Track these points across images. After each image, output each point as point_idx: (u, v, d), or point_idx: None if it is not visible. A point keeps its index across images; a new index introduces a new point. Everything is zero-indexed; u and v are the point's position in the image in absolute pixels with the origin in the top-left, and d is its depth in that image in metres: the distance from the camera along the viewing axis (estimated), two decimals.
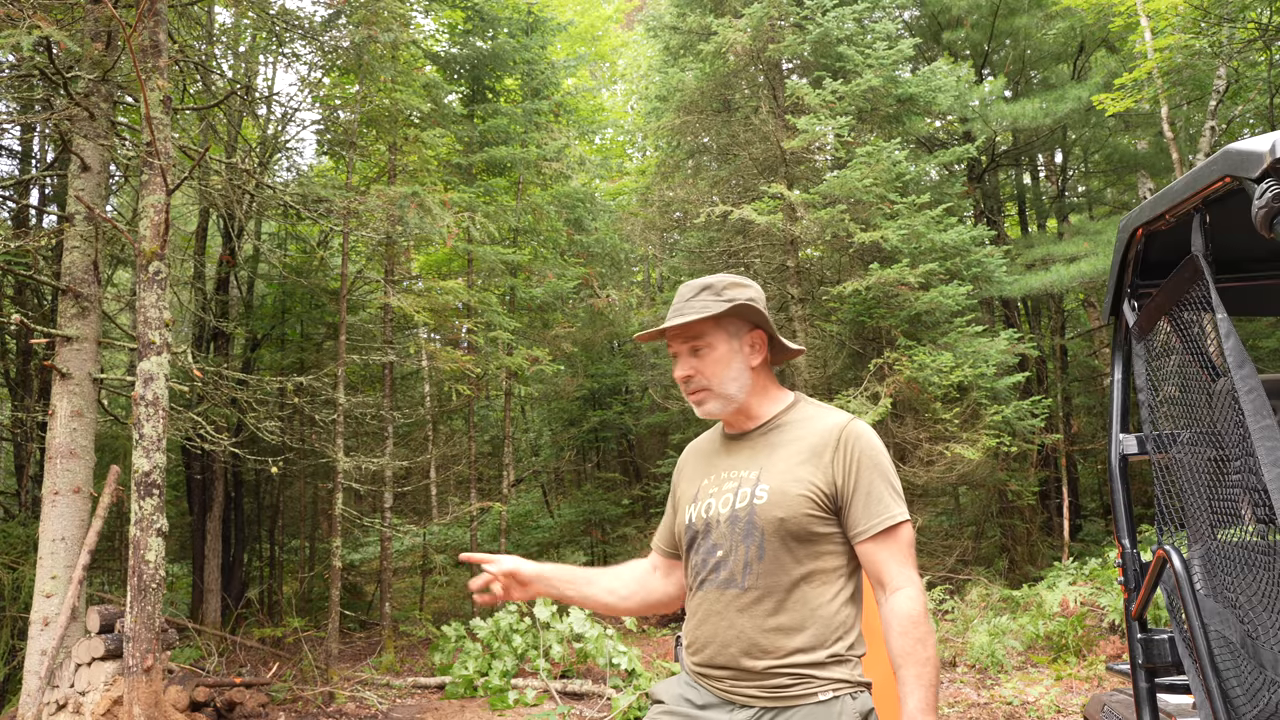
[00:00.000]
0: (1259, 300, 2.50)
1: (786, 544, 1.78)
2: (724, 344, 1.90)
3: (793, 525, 1.77)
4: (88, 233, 6.64)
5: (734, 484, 1.88)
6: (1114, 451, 2.46)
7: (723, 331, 1.90)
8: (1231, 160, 1.51)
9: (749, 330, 1.92)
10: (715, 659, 1.81)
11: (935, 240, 9.54)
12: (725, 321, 1.91)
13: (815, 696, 1.72)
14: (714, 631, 1.82)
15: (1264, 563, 1.58)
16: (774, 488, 1.81)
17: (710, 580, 1.85)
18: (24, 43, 5.82)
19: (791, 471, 1.81)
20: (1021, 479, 10.89)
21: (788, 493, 1.79)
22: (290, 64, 11.81)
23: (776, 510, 1.78)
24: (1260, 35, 9.35)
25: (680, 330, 1.90)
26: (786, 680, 1.74)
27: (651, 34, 12.52)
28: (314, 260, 12.44)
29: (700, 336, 1.90)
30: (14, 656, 7.92)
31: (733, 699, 1.79)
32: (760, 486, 1.82)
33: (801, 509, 1.77)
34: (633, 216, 14.02)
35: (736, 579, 1.80)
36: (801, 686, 1.73)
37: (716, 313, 1.85)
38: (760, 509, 1.80)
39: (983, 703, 6.69)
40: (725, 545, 1.83)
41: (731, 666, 1.79)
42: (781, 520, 1.77)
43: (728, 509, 1.85)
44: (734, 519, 1.83)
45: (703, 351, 1.90)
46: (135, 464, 5.67)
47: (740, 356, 1.90)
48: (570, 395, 15.31)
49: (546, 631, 8.17)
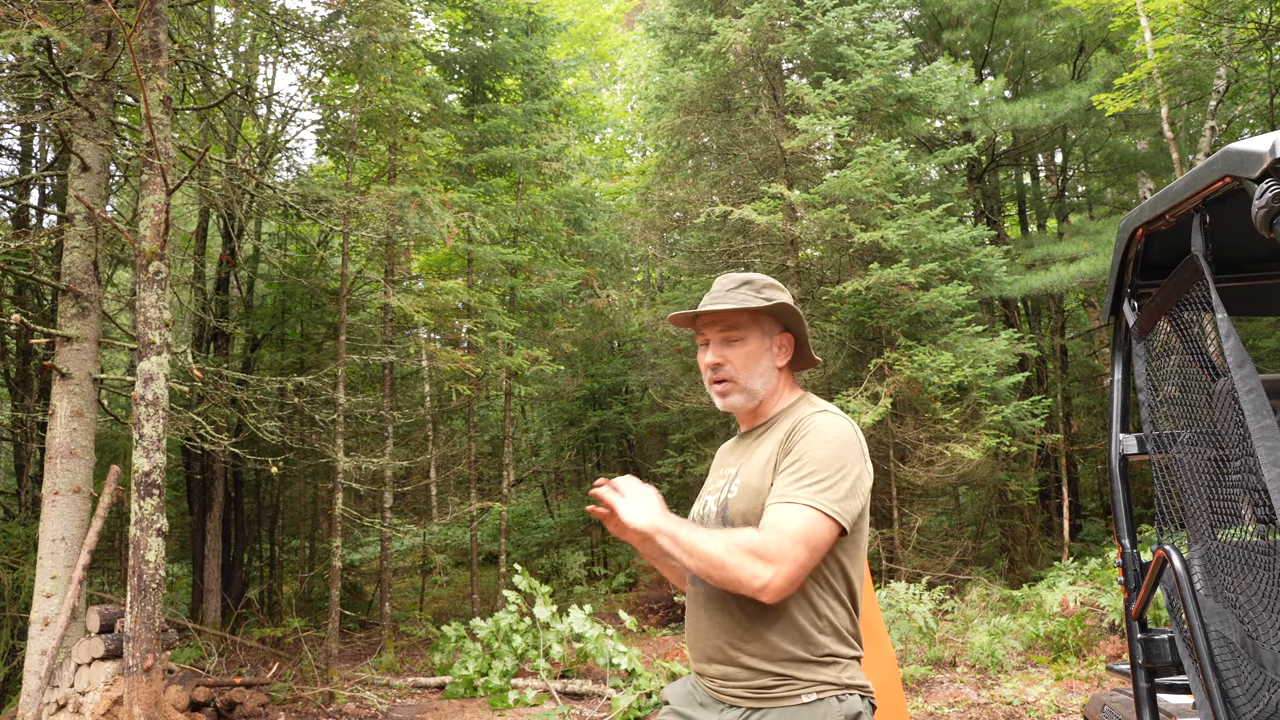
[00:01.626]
0: (1259, 300, 2.50)
1: None
2: (757, 340, 1.91)
3: (754, 519, 1.75)
4: (88, 233, 6.64)
5: (724, 481, 1.92)
6: (1114, 451, 2.46)
7: (758, 328, 1.92)
8: (1231, 160, 1.51)
9: (780, 331, 1.95)
10: (703, 657, 1.84)
11: (935, 240, 9.54)
12: (762, 318, 1.93)
13: (798, 698, 1.69)
14: (699, 631, 1.84)
15: (1264, 563, 1.58)
16: (743, 482, 1.83)
17: (697, 579, 1.87)
18: (24, 43, 5.82)
19: (758, 465, 1.82)
20: (1021, 479, 10.89)
21: (750, 485, 1.81)
22: (290, 64, 11.81)
23: (740, 504, 1.80)
24: (1260, 35, 9.35)
25: (717, 318, 1.91)
26: (770, 680, 1.72)
27: (651, 34, 12.52)
28: (314, 260, 12.44)
29: (736, 328, 1.91)
30: (14, 656, 7.92)
31: (722, 698, 1.79)
32: (735, 482, 1.86)
33: (761, 500, 1.75)
34: (633, 216, 14.01)
35: None
36: (784, 687, 1.71)
37: (758, 307, 1.87)
38: (730, 503, 1.83)
39: (983, 703, 6.69)
40: None
41: (720, 663, 1.80)
42: (743, 513, 1.78)
43: (716, 506, 1.89)
44: (717, 516, 1.86)
45: (736, 343, 1.91)
46: (135, 464, 5.67)
47: (769, 355, 1.92)
48: (570, 395, 15.31)
49: (546, 631, 8.17)
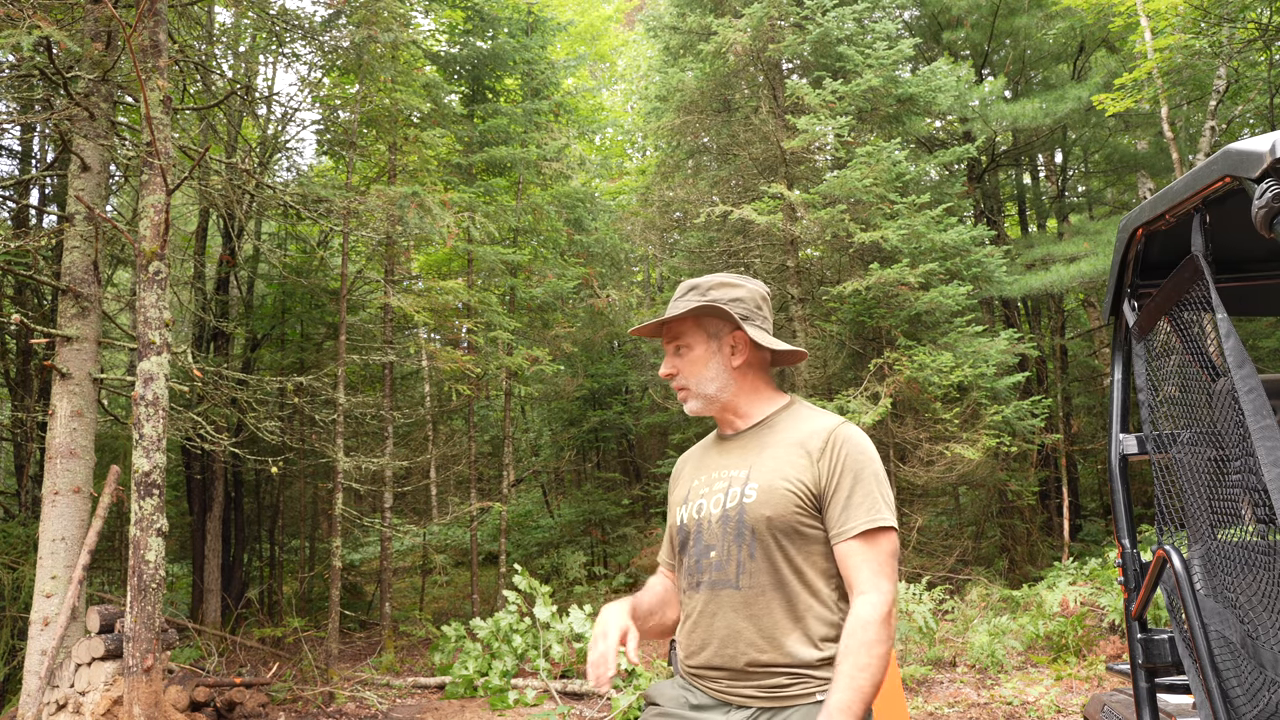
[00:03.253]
0: (1259, 300, 2.50)
1: (778, 543, 1.76)
2: (702, 345, 1.90)
3: (780, 524, 1.76)
4: (88, 233, 6.64)
5: (724, 483, 1.86)
6: (1114, 451, 2.46)
7: (702, 331, 1.90)
8: (1231, 160, 1.51)
9: (730, 331, 1.90)
10: (711, 660, 1.80)
11: (935, 240, 9.53)
12: (705, 321, 1.91)
13: (813, 696, 1.70)
14: (709, 633, 1.81)
15: (1264, 563, 1.58)
16: (762, 485, 1.79)
17: (704, 581, 1.83)
18: (24, 43, 5.82)
19: (780, 469, 1.80)
20: (1021, 479, 10.89)
21: (775, 490, 1.78)
22: (290, 64, 11.81)
23: (764, 509, 1.77)
24: (1260, 35, 9.35)
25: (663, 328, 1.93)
26: (784, 680, 1.73)
27: (651, 34, 12.51)
28: (314, 260, 12.44)
29: (680, 336, 1.92)
30: (14, 656, 7.92)
31: (728, 699, 1.78)
32: (749, 485, 1.81)
33: (789, 505, 1.76)
34: (633, 216, 14.01)
35: (730, 579, 1.79)
36: (799, 686, 1.72)
37: (683, 311, 1.86)
38: (750, 508, 1.79)
39: (983, 703, 6.69)
40: (718, 546, 1.82)
41: (728, 667, 1.78)
42: (769, 519, 1.76)
43: (719, 509, 1.84)
44: (725, 519, 1.82)
45: (683, 351, 1.91)
46: (135, 464, 5.67)
47: (719, 357, 1.89)
48: (570, 395, 15.31)
49: (546, 631, 8.17)
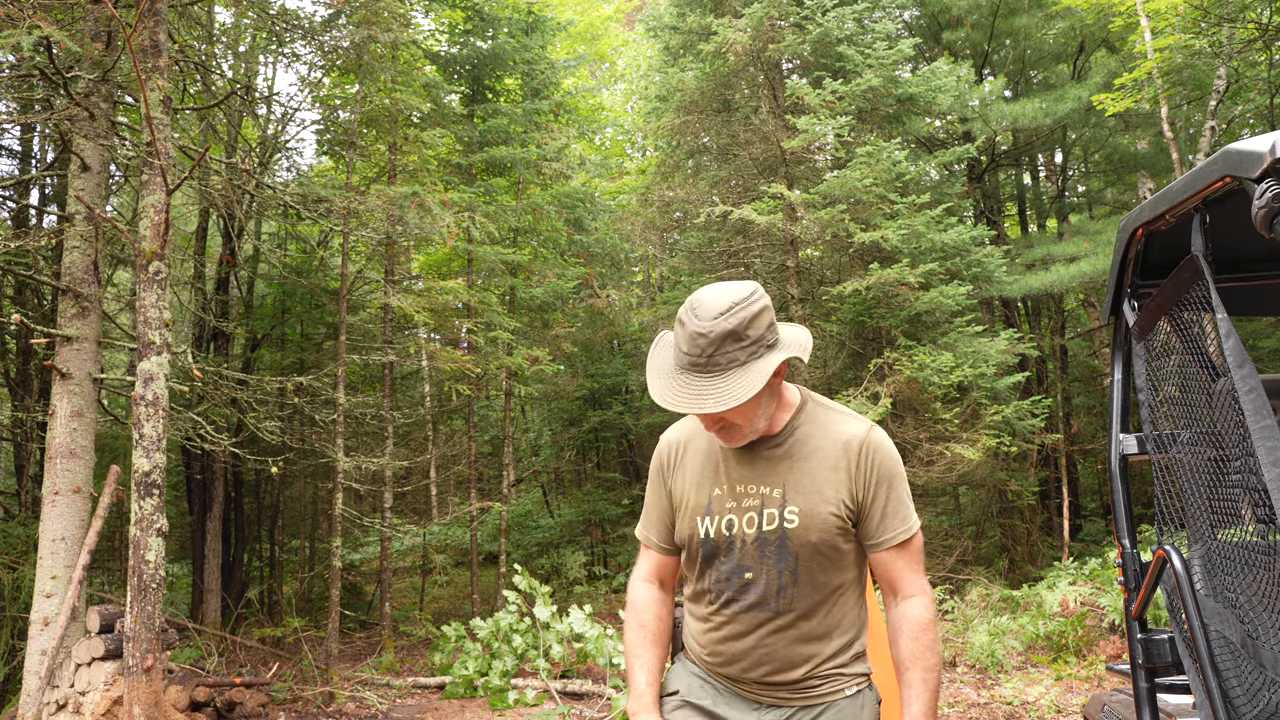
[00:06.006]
0: (1259, 300, 2.50)
1: (821, 564, 1.79)
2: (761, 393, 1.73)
3: (825, 547, 1.78)
4: (88, 233, 6.64)
5: (756, 502, 1.80)
6: (1114, 451, 2.46)
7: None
8: (1231, 160, 1.50)
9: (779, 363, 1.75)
10: (743, 675, 1.83)
11: (935, 240, 9.54)
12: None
13: (843, 692, 1.81)
14: (744, 651, 1.82)
15: (1264, 563, 1.58)
16: (804, 510, 1.77)
17: (739, 601, 1.81)
18: (24, 43, 5.82)
19: (819, 490, 1.78)
20: (1021, 479, 10.88)
21: (818, 514, 1.76)
22: (290, 64, 11.81)
23: (809, 535, 1.76)
24: (1260, 35, 9.35)
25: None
26: (817, 681, 1.80)
27: (651, 34, 12.51)
28: (314, 260, 12.43)
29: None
30: (14, 656, 7.92)
31: (761, 700, 1.83)
32: (789, 509, 1.77)
33: (832, 529, 1.77)
34: (633, 216, 14.01)
35: (769, 602, 1.78)
36: (830, 684, 1.80)
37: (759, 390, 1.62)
38: (793, 533, 1.76)
39: (983, 703, 6.69)
40: (754, 568, 1.79)
41: (764, 681, 1.82)
42: (814, 544, 1.77)
43: (754, 530, 1.79)
44: (763, 541, 1.78)
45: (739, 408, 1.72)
46: (135, 464, 5.67)
47: (769, 390, 1.74)
48: (570, 395, 15.31)
49: (546, 631, 8.17)
